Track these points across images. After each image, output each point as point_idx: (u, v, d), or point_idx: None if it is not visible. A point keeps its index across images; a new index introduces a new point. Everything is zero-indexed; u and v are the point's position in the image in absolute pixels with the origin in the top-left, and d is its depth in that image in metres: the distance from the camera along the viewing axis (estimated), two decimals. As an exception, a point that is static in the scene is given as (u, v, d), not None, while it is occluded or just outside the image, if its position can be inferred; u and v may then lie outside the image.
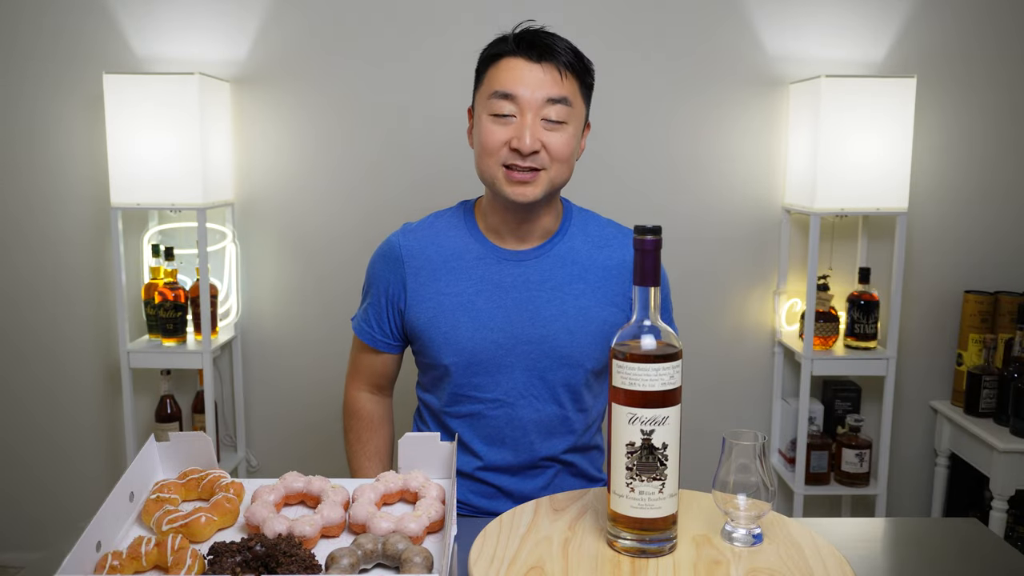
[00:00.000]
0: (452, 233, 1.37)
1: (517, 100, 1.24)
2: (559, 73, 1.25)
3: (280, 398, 2.44)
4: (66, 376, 2.42)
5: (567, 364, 1.32)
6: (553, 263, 1.34)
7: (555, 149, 1.26)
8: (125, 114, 2.07)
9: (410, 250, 1.35)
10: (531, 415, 1.33)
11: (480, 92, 1.31)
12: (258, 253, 2.38)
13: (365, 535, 0.93)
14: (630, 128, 2.33)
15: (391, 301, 1.36)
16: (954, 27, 2.29)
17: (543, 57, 1.25)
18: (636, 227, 0.93)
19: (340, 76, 2.30)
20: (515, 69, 1.25)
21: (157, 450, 1.10)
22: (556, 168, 1.27)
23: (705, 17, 2.29)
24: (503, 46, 1.28)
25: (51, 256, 2.37)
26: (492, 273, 1.33)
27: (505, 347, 1.31)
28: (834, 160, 2.11)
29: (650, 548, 0.95)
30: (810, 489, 2.26)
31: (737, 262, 2.39)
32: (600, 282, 1.34)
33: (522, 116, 1.24)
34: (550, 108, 1.25)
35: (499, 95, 1.25)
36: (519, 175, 1.25)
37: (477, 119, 1.30)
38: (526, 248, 1.34)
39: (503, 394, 1.33)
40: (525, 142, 1.23)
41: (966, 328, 2.31)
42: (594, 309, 1.33)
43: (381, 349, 1.41)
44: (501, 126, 1.26)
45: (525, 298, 1.32)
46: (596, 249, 1.36)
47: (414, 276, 1.34)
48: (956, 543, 1.16)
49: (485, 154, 1.28)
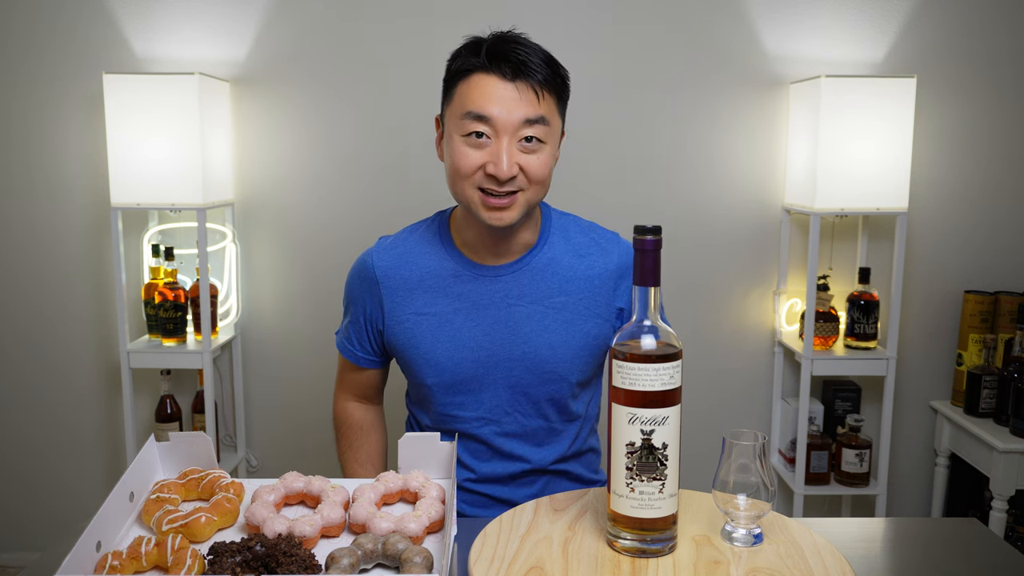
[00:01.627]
0: (427, 250, 1.32)
1: (491, 122, 1.17)
2: (535, 93, 1.17)
3: (280, 398, 2.44)
4: (66, 376, 2.42)
5: (551, 379, 1.30)
6: (532, 276, 1.29)
7: (533, 171, 1.19)
8: (125, 114, 2.07)
9: (384, 270, 1.32)
10: (517, 431, 1.32)
11: (450, 109, 1.22)
12: (258, 253, 2.38)
13: (365, 535, 0.93)
14: (630, 128, 2.33)
15: (369, 320, 1.34)
16: (954, 27, 2.29)
17: (518, 75, 1.16)
18: (636, 227, 0.93)
19: (340, 76, 2.30)
20: (488, 87, 1.17)
21: (157, 450, 1.10)
22: (533, 190, 1.21)
23: (705, 17, 2.29)
24: (474, 60, 1.18)
25: (51, 256, 2.37)
26: (469, 291, 1.29)
27: (486, 366, 1.29)
28: (834, 160, 2.11)
29: (650, 548, 0.95)
30: (810, 489, 2.26)
31: (737, 262, 2.39)
32: (582, 293, 1.30)
33: (497, 139, 1.17)
34: (527, 129, 1.17)
35: (472, 116, 1.17)
36: (496, 200, 1.19)
37: (448, 137, 1.22)
38: (503, 263, 1.29)
39: (487, 412, 1.31)
40: (502, 168, 1.16)
41: (966, 328, 2.31)
42: (577, 322, 1.29)
43: (364, 366, 1.40)
44: (475, 148, 1.18)
45: (504, 315, 1.28)
46: (577, 258, 1.31)
47: (390, 296, 1.31)
48: (956, 543, 1.16)
49: (459, 177, 1.21)
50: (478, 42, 1.22)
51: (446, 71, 1.25)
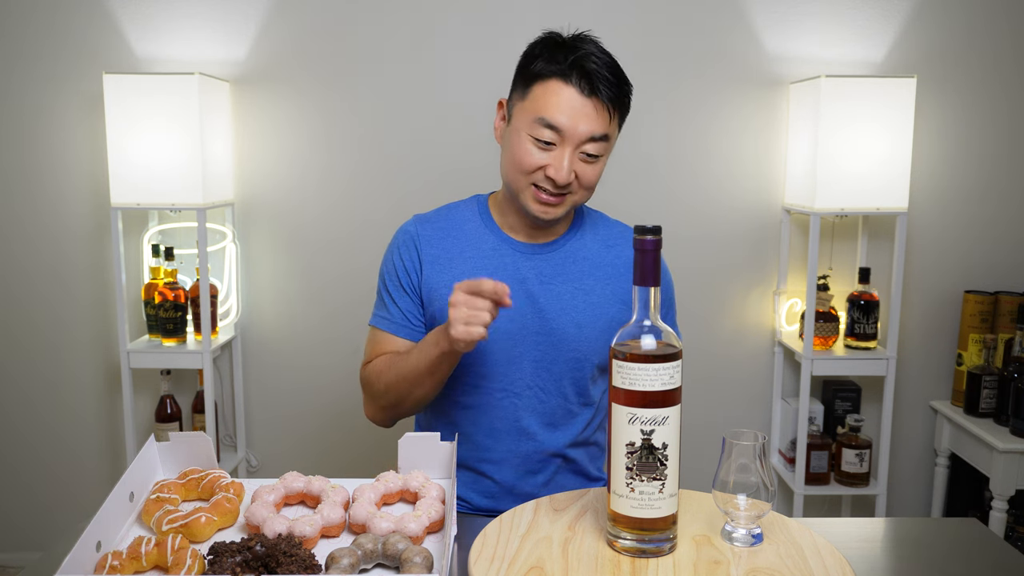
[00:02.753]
0: (467, 225, 1.38)
1: (561, 132, 1.24)
2: (607, 111, 1.25)
3: (280, 398, 2.44)
4: (66, 376, 2.42)
5: (574, 358, 1.34)
6: (565, 258, 1.36)
7: (586, 179, 1.28)
8: (125, 114, 2.07)
9: (427, 238, 1.37)
10: (536, 407, 1.34)
11: (523, 105, 1.28)
12: (258, 253, 2.38)
13: (365, 535, 0.93)
14: (630, 128, 2.31)
15: (415, 288, 1.36)
16: (954, 27, 2.29)
17: (594, 91, 1.23)
18: (636, 227, 0.94)
19: (340, 76, 2.30)
20: (567, 100, 1.23)
21: (157, 450, 1.10)
22: (582, 194, 1.30)
23: (705, 17, 2.29)
24: (557, 66, 1.24)
25: (51, 256, 2.37)
26: (507, 264, 1.35)
27: (516, 338, 1.32)
28: (834, 160, 2.11)
29: (650, 548, 0.95)
30: (810, 489, 2.26)
31: (737, 262, 2.39)
32: (609, 279, 1.37)
33: (562, 147, 1.24)
34: (590, 145, 1.25)
35: (544, 123, 1.24)
36: (547, 197, 1.27)
37: (515, 130, 1.28)
38: (540, 243, 1.37)
39: (510, 384, 1.33)
40: (563, 175, 1.24)
41: (966, 328, 2.31)
42: (603, 305, 1.35)
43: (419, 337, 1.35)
44: (540, 150, 1.25)
45: (537, 291, 1.34)
46: (605, 248, 1.39)
47: (430, 264, 1.35)
48: (956, 543, 1.16)
49: (517, 170, 1.28)
50: (558, 43, 1.27)
51: (523, 64, 1.29)
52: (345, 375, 2.36)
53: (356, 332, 2.24)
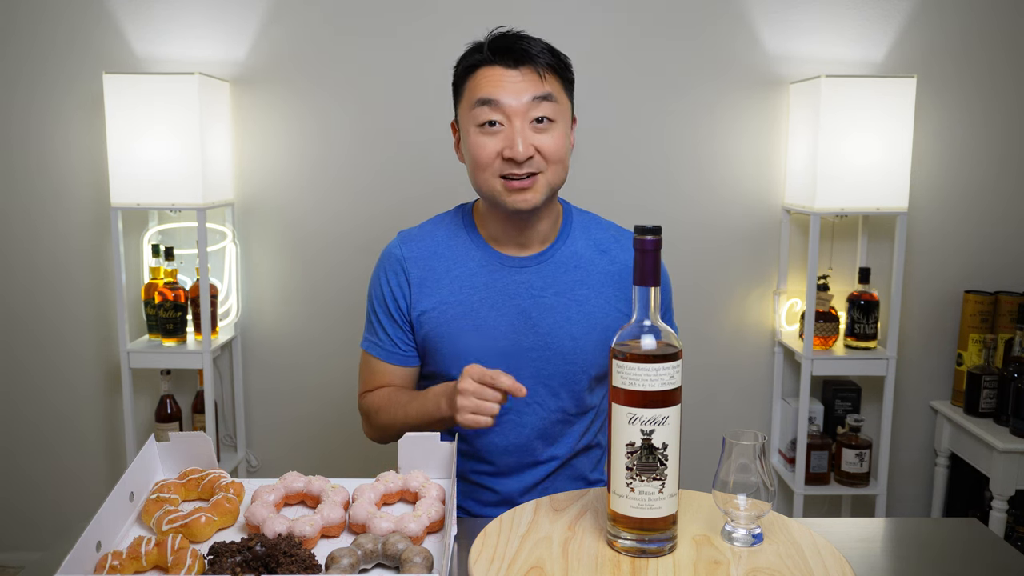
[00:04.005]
0: (453, 241, 1.35)
1: (502, 107, 1.22)
2: (538, 75, 1.24)
3: (280, 398, 2.44)
4: (66, 376, 2.42)
5: (571, 370, 1.32)
6: (555, 269, 1.33)
7: (548, 151, 1.24)
8: (125, 114, 2.07)
9: (413, 260, 1.34)
10: (535, 422, 1.33)
11: (462, 105, 1.28)
12: (258, 253, 2.38)
13: (365, 535, 0.93)
14: (630, 128, 2.33)
15: (403, 313, 1.34)
16: (954, 27, 2.29)
17: (520, 62, 1.23)
18: (636, 227, 0.93)
19: (340, 76, 2.30)
20: (494, 76, 1.23)
21: (157, 450, 1.10)
22: (552, 170, 1.26)
23: (705, 17, 2.29)
24: (478, 56, 1.26)
25: (51, 256, 2.37)
26: (495, 280, 1.32)
27: (510, 355, 1.30)
28: (834, 160, 2.11)
29: (650, 548, 0.95)
30: (810, 489, 2.26)
31: (737, 262, 2.39)
32: (603, 287, 1.33)
33: (510, 123, 1.23)
34: (536, 108, 1.23)
35: (482, 102, 1.23)
36: (517, 183, 1.23)
37: (464, 133, 1.28)
38: (528, 254, 1.33)
39: (508, 402, 1.31)
40: (518, 149, 1.21)
41: (966, 328, 2.31)
42: (597, 315, 1.32)
43: (407, 364, 1.36)
44: (490, 137, 1.24)
45: (529, 306, 1.31)
46: (599, 254, 1.35)
47: (418, 287, 1.33)
48: (956, 543, 1.16)
49: (479, 168, 1.25)
50: (480, 43, 1.28)
51: (454, 75, 1.30)
52: (345, 375, 2.36)
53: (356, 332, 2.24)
